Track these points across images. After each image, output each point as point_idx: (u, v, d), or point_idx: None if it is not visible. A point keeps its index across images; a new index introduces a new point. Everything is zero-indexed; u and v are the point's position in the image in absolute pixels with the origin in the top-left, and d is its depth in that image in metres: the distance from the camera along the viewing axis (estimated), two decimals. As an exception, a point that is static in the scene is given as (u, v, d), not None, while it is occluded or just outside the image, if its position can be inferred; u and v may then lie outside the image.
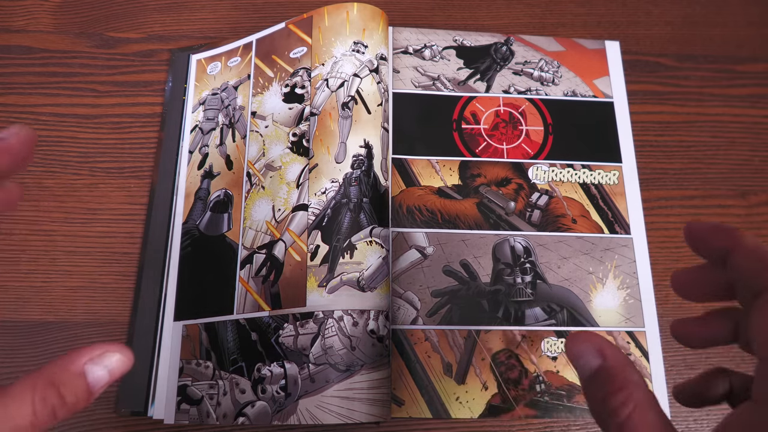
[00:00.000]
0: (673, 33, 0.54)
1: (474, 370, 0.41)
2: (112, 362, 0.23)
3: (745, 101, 0.51)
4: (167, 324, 0.42)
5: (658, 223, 0.47)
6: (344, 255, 0.39)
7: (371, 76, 0.44)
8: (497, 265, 0.44)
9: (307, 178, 0.42)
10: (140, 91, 0.49)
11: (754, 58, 0.53)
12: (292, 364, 0.38)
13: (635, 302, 0.43)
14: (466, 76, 0.49)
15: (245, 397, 0.38)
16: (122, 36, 0.50)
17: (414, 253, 0.44)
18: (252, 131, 0.46)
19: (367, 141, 0.42)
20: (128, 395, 0.40)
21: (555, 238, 0.45)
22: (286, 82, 0.46)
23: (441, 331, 0.42)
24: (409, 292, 0.43)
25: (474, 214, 0.45)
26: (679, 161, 0.49)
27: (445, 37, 0.51)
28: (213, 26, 0.51)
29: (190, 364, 0.41)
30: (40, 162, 0.46)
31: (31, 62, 0.49)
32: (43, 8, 0.51)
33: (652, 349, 0.42)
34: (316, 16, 0.46)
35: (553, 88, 0.49)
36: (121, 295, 0.43)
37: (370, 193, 0.41)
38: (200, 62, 0.50)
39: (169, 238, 0.44)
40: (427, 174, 0.46)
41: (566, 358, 0.42)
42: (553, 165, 0.47)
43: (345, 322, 0.38)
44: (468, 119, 0.48)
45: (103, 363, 0.23)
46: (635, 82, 0.51)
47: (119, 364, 0.23)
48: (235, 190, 0.45)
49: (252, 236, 0.43)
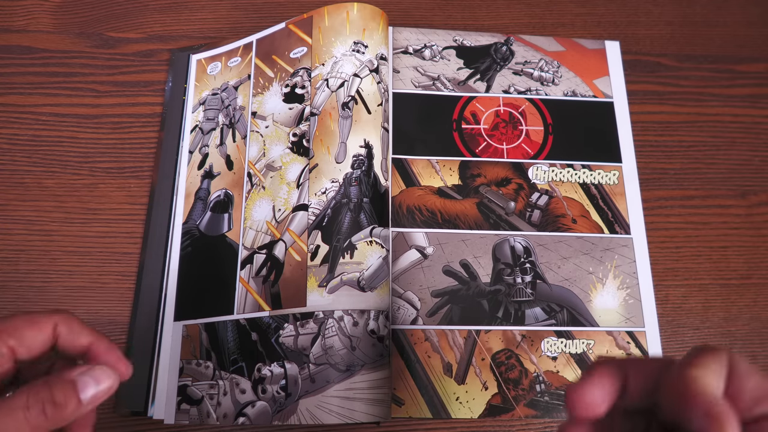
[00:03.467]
0: (673, 33, 0.54)
1: (474, 370, 0.41)
2: (96, 372, 0.27)
3: (745, 101, 0.51)
4: (167, 324, 0.42)
5: (658, 223, 0.47)
6: (344, 255, 0.39)
7: (371, 76, 0.44)
8: (497, 265, 0.44)
9: (307, 178, 0.42)
10: (140, 91, 0.49)
11: (754, 58, 0.53)
12: (293, 364, 0.38)
13: (635, 302, 0.43)
14: (466, 76, 0.49)
15: (245, 397, 0.38)
16: (122, 36, 0.50)
17: (414, 253, 0.44)
18: (252, 131, 0.46)
19: (367, 141, 0.42)
20: (128, 395, 0.40)
21: (555, 238, 0.45)
22: (286, 82, 0.46)
23: (441, 331, 0.42)
24: (409, 292, 0.43)
25: (474, 214, 0.45)
26: (679, 161, 0.49)
27: (445, 37, 0.51)
28: (213, 26, 0.51)
29: (190, 364, 0.41)
30: (40, 162, 0.46)
31: (31, 62, 0.49)
32: (43, 8, 0.51)
33: (652, 349, 0.42)
34: (316, 16, 0.46)
35: (553, 88, 0.49)
36: (121, 295, 0.43)
37: (370, 193, 0.41)
38: (200, 62, 0.50)
39: (169, 238, 0.44)
40: (427, 174, 0.46)
41: (566, 358, 0.42)
42: (553, 165, 0.47)
43: (345, 322, 0.38)
44: (468, 119, 0.48)
45: (90, 373, 0.26)
46: (635, 82, 0.51)
47: (105, 375, 0.27)
48: (236, 190, 0.45)
49: (252, 236, 0.43)
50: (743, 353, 0.44)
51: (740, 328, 0.45)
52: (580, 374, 0.21)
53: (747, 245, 0.47)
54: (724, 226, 0.47)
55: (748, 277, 0.46)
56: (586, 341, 0.42)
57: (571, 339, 0.42)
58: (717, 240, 0.47)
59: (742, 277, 0.46)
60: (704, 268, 0.46)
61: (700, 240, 0.47)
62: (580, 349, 0.42)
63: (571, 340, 0.42)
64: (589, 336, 0.42)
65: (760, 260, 0.46)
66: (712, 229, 0.47)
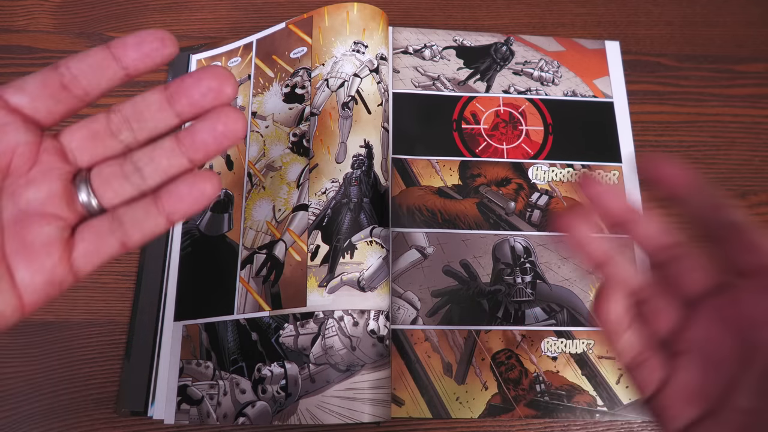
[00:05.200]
0: (673, 33, 0.54)
1: (474, 370, 0.41)
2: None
3: (745, 101, 0.51)
4: (167, 324, 0.42)
5: (658, 223, 0.47)
6: (344, 255, 0.39)
7: (371, 76, 0.44)
8: (497, 265, 0.44)
9: (307, 178, 0.42)
10: (140, 91, 0.49)
11: (754, 58, 0.53)
12: (293, 364, 0.38)
13: (635, 302, 0.43)
14: (466, 76, 0.49)
15: (245, 397, 0.38)
16: (122, 36, 0.50)
17: (414, 253, 0.44)
18: (252, 131, 0.46)
19: (368, 141, 0.42)
20: (128, 395, 0.40)
21: (555, 238, 0.45)
22: (286, 82, 0.46)
23: (441, 331, 0.42)
24: (409, 292, 0.43)
25: (474, 214, 0.45)
26: (678, 161, 0.49)
27: (445, 37, 0.51)
28: (213, 26, 0.51)
29: (190, 364, 0.41)
30: (40, 162, 0.46)
31: (31, 62, 0.49)
32: (43, 8, 0.51)
33: (652, 349, 0.42)
34: (316, 16, 0.46)
35: (553, 88, 0.49)
36: (121, 295, 0.43)
37: (371, 193, 0.41)
38: (200, 62, 0.50)
39: (169, 238, 0.44)
40: (427, 174, 0.46)
41: (566, 358, 0.42)
42: (553, 165, 0.47)
43: (345, 322, 0.38)
44: (468, 119, 0.48)
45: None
46: (635, 82, 0.51)
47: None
48: (236, 191, 0.45)
49: (252, 236, 0.43)
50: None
51: (740, 328, 0.45)
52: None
53: (747, 245, 0.47)
54: (724, 226, 0.47)
55: (748, 277, 0.46)
56: (586, 341, 0.42)
57: (571, 339, 0.42)
58: (717, 240, 0.47)
59: (742, 277, 0.46)
60: (704, 268, 0.46)
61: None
62: (580, 349, 0.42)
63: (571, 340, 0.42)
64: (589, 336, 0.42)
65: (760, 260, 0.46)
66: (712, 229, 0.47)
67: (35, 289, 0.21)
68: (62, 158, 0.22)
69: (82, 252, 0.22)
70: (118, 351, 0.42)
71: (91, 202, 0.22)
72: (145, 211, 0.22)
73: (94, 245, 0.22)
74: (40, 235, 0.21)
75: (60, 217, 0.22)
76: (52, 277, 0.21)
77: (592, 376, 0.41)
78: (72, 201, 0.22)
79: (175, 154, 0.22)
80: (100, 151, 0.23)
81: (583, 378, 0.41)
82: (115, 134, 0.23)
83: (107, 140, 0.23)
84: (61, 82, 0.22)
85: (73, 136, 0.23)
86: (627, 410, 0.41)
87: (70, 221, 0.22)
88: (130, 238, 0.22)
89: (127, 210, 0.22)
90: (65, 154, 0.23)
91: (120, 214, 0.22)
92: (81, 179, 0.23)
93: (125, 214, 0.22)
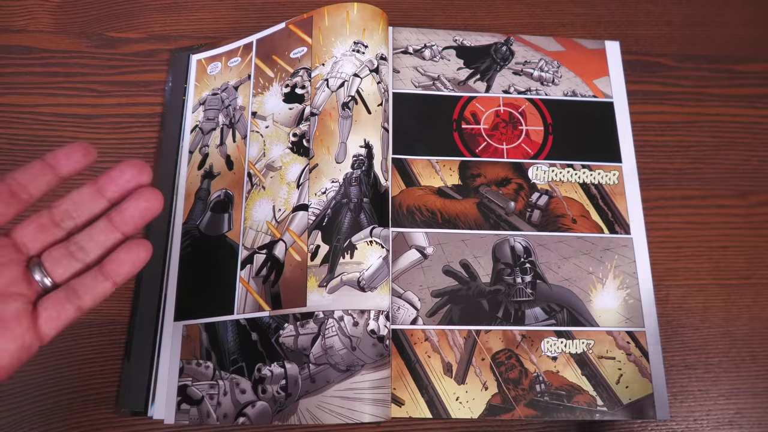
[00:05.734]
0: (673, 33, 0.54)
1: (474, 370, 0.41)
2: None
3: (745, 101, 0.51)
4: (167, 324, 0.42)
5: (658, 223, 0.47)
6: (344, 255, 0.39)
7: (371, 76, 0.44)
8: (497, 265, 0.44)
9: (307, 178, 0.42)
10: (140, 91, 0.49)
11: (754, 58, 0.53)
12: (293, 364, 0.38)
13: (635, 302, 0.44)
14: (466, 76, 0.49)
15: (245, 397, 0.38)
16: (122, 36, 0.50)
17: (414, 253, 0.44)
18: (252, 131, 0.46)
19: (367, 141, 0.42)
20: (128, 395, 0.40)
21: (555, 238, 0.45)
22: (286, 83, 0.46)
23: (441, 331, 0.42)
24: (409, 292, 0.43)
25: (474, 214, 0.45)
26: (679, 161, 0.49)
27: (445, 37, 0.51)
28: (213, 26, 0.51)
29: (190, 364, 0.41)
30: (40, 162, 0.46)
31: (31, 62, 0.49)
32: (43, 8, 0.51)
33: (652, 349, 0.42)
34: (316, 16, 0.46)
35: (553, 88, 0.49)
36: (121, 295, 0.43)
37: (371, 193, 0.41)
38: (200, 62, 0.50)
39: (169, 238, 0.44)
40: (427, 174, 0.46)
41: (566, 358, 0.42)
42: (553, 165, 0.47)
43: (345, 322, 0.38)
44: (468, 119, 0.48)
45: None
46: (635, 82, 0.51)
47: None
48: (236, 190, 0.45)
49: (252, 236, 0.43)
50: (743, 353, 0.44)
51: (740, 328, 0.45)
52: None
53: (747, 245, 0.47)
54: (724, 226, 0.47)
55: (748, 277, 0.46)
56: (586, 341, 0.42)
57: (571, 339, 0.42)
58: (717, 240, 0.47)
59: (742, 277, 0.46)
60: (704, 268, 0.46)
61: (700, 240, 0.47)
62: (580, 349, 0.42)
63: (571, 340, 0.42)
64: (589, 336, 0.42)
65: (760, 260, 0.46)
66: (712, 229, 0.47)
67: (11, 354, 0.26)
68: (16, 250, 0.28)
69: (45, 320, 0.27)
70: (118, 351, 0.42)
71: (44, 280, 0.28)
72: (93, 279, 0.28)
73: (55, 313, 0.28)
74: (8, 310, 0.27)
75: (23, 294, 0.27)
76: (23, 342, 0.27)
77: (592, 376, 0.41)
78: (30, 281, 0.28)
79: (110, 230, 0.29)
80: (48, 239, 0.29)
81: (583, 378, 0.41)
82: (58, 223, 0.29)
83: (52, 229, 0.29)
84: (10, 190, 0.28)
85: (24, 230, 0.28)
86: (627, 410, 0.41)
87: (30, 297, 0.28)
88: (84, 303, 0.28)
89: (78, 281, 0.28)
90: (18, 246, 0.28)
91: (73, 284, 0.28)
92: (34, 264, 0.28)
93: (77, 284, 0.28)
